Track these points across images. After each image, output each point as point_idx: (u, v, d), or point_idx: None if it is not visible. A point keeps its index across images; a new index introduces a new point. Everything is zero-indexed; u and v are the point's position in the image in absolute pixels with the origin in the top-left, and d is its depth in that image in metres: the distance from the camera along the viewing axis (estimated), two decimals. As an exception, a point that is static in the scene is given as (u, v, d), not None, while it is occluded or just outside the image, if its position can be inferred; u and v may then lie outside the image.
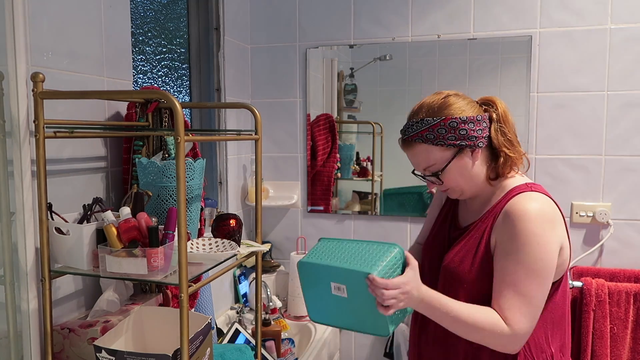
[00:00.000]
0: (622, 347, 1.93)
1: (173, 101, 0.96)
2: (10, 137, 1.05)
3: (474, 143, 1.17)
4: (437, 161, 1.19)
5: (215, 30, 2.11)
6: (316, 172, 2.37)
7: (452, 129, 1.16)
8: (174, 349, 1.03)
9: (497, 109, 1.21)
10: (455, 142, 1.17)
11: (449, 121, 1.16)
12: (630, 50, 1.97)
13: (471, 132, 1.17)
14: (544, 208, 1.14)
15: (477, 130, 1.17)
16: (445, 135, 1.17)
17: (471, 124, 1.17)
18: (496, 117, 1.20)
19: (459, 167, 1.19)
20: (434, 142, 1.18)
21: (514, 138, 1.21)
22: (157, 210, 1.26)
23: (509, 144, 1.20)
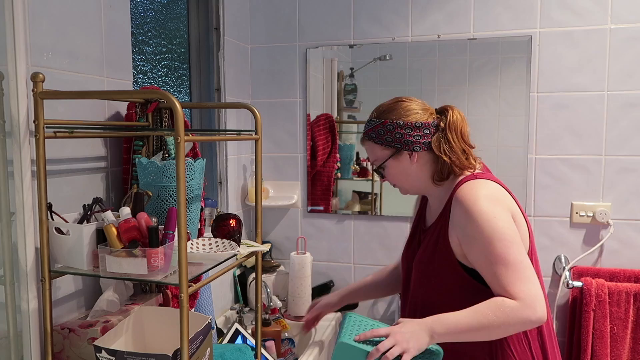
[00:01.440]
0: (622, 347, 1.93)
1: (173, 101, 0.96)
2: (10, 137, 1.05)
3: (409, 147, 1.30)
4: (378, 158, 1.35)
5: (215, 30, 2.11)
6: (316, 172, 2.37)
7: (388, 131, 1.31)
8: (174, 349, 1.03)
9: (447, 117, 1.31)
10: (391, 143, 1.31)
11: (387, 124, 1.31)
12: (630, 50, 1.97)
13: (406, 136, 1.30)
14: (486, 188, 1.24)
15: (415, 135, 1.30)
16: (383, 136, 1.32)
17: (408, 129, 1.30)
18: (443, 126, 1.31)
19: (397, 166, 1.33)
20: (375, 140, 1.34)
21: (458, 147, 1.30)
22: (157, 210, 1.26)
23: (450, 151, 1.29)
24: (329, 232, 2.37)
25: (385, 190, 2.31)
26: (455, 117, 1.31)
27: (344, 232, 2.36)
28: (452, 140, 1.29)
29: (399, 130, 1.30)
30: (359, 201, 2.38)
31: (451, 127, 1.30)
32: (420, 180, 1.34)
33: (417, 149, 1.30)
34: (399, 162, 1.33)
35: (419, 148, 1.30)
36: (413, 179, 1.34)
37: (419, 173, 1.33)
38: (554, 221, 2.10)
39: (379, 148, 1.33)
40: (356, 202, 2.38)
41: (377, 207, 2.33)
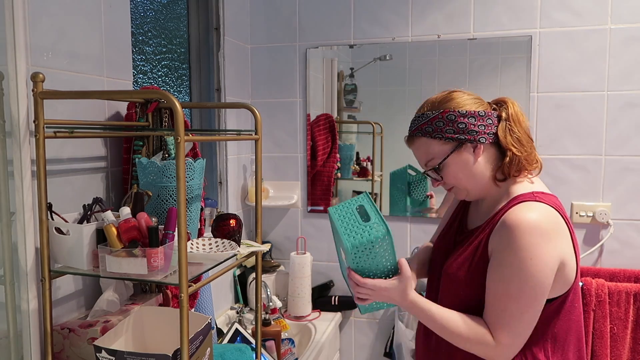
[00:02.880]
0: (622, 347, 1.93)
1: (173, 101, 0.96)
2: (10, 137, 1.05)
3: (474, 138, 1.15)
4: (436, 155, 1.17)
5: (215, 30, 2.11)
6: (316, 172, 2.37)
7: (450, 121, 1.15)
8: (174, 349, 1.03)
9: (508, 108, 1.18)
10: (453, 135, 1.15)
11: (447, 114, 1.15)
12: (630, 50, 1.97)
13: (471, 126, 1.15)
14: (541, 219, 1.08)
15: (479, 125, 1.15)
16: (443, 128, 1.15)
17: (471, 118, 1.15)
18: (505, 116, 1.17)
19: (458, 162, 1.16)
20: (432, 135, 1.16)
21: (525, 139, 1.17)
22: (157, 210, 1.26)
23: (517, 143, 1.16)
24: (329, 232, 2.37)
25: (386, 190, 2.31)
26: (518, 108, 1.19)
27: (344, 232, 2.35)
28: (519, 131, 1.16)
29: (462, 120, 1.14)
30: (359, 201, 2.38)
31: (514, 118, 1.17)
32: (484, 179, 1.18)
33: (483, 140, 1.15)
34: (461, 158, 1.16)
35: (484, 139, 1.15)
36: (476, 178, 1.17)
37: (483, 170, 1.17)
38: (554, 221, 2.10)
39: (437, 143, 1.16)
40: (356, 202, 2.38)
41: (377, 207, 2.32)
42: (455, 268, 1.19)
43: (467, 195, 1.22)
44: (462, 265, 1.17)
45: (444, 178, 1.19)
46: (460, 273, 1.17)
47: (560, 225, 1.10)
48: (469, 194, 1.21)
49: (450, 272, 1.20)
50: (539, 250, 1.06)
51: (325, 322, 2.20)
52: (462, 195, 1.22)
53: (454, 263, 1.20)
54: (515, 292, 1.07)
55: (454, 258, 1.21)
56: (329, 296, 2.33)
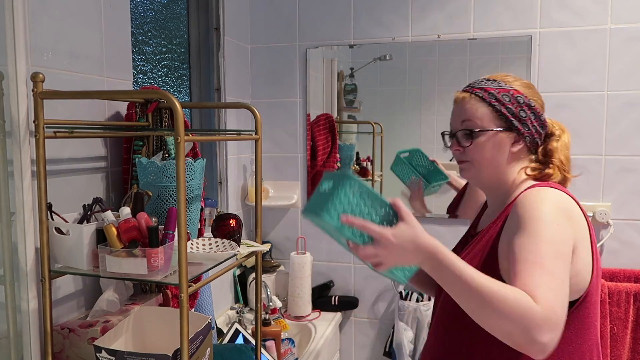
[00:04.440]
0: (622, 347, 1.93)
1: (173, 101, 0.96)
2: (10, 137, 1.05)
3: (522, 131, 1.10)
4: (480, 122, 1.10)
5: (215, 30, 2.11)
6: (316, 172, 2.37)
7: (516, 102, 1.10)
8: (174, 349, 1.03)
9: (564, 133, 1.16)
10: (509, 116, 1.10)
11: (518, 95, 1.10)
12: (630, 50, 1.97)
13: (528, 119, 1.10)
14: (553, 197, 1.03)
15: (533, 124, 1.11)
16: (506, 103, 1.10)
17: (532, 114, 1.11)
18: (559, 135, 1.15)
19: (494, 142, 1.10)
20: (491, 102, 1.10)
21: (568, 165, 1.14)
22: (157, 210, 1.26)
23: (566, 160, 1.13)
24: (329, 232, 2.37)
25: (386, 190, 2.31)
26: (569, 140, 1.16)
27: (344, 232, 2.35)
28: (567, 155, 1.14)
29: (526, 110, 1.10)
30: (359, 201, 2.37)
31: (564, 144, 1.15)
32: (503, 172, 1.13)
33: (527, 138, 1.11)
34: (498, 140, 1.10)
35: (529, 139, 1.11)
36: (497, 167, 1.12)
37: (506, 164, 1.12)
38: (554, 221, 2.10)
39: (489, 113, 1.10)
40: (356, 202, 2.38)
41: (377, 207, 2.32)
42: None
43: (473, 177, 1.16)
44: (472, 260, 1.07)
45: (471, 147, 1.11)
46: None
47: (575, 212, 1.03)
48: (477, 176, 1.15)
49: None
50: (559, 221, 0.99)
51: (325, 322, 2.20)
52: (469, 174, 1.16)
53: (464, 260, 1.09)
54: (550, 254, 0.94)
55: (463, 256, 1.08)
56: (329, 296, 2.33)
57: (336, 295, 2.33)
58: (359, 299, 2.36)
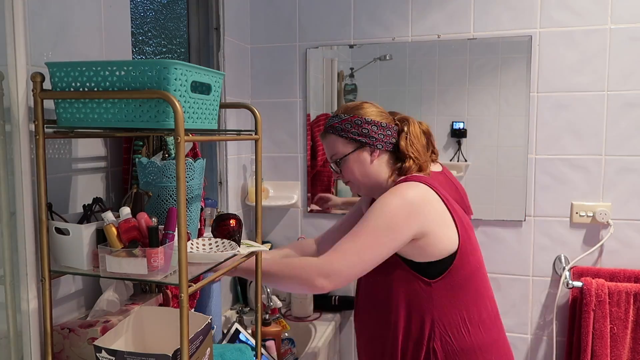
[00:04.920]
0: (622, 347, 1.93)
1: (173, 101, 0.96)
2: (10, 137, 1.05)
3: (373, 143, 1.38)
4: (339, 151, 1.41)
5: (215, 30, 2.11)
6: (316, 172, 2.37)
7: (356, 126, 1.39)
8: (174, 349, 1.03)
9: (410, 125, 1.42)
10: (356, 137, 1.39)
11: (355, 119, 1.39)
12: (630, 50, 1.97)
13: (372, 132, 1.39)
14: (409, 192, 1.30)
15: (379, 133, 1.39)
16: (349, 130, 1.39)
17: (374, 127, 1.39)
18: (407, 130, 1.41)
19: (356, 161, 1.40)
20: (339, 134, 1.40)
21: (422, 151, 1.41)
22: (157, 210, 1.26)
23: (416, 152, 1.39)
24: (329, 232, 2.37)
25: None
26: (416, 129, 1.42)
27: (344, 232, 2.35)
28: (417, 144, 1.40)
29: (366, 127, 1.38)
30: (359, 201, 2.38)
31: (413, 134, 1.41)
32: (376, 180, 1.41)
33: (380, 147, 1.39)
34: (358, 159, 1.40)
35: (382, 146, 1.39)
36: (369, 178, 1.41)
37: (376, 171, 1.41)
38: (554, 221, 2.10)
39: (342, 142, 1.41)
40: (356, 202, 2.38)
41: (377, 207, 2.32)
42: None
43: (358, 190, 1.47)
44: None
45: (342, 172, 1.43)
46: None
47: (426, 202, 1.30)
48: (359, 189, 1.46)
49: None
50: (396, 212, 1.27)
51: (325, 322, 2.20)
52: (355, 190, 1.47)
53: None
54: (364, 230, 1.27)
55: None
56: (329, 296, 2.33)
57: (336, 295, 2.33)
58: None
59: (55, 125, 1.10)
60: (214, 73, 1.17)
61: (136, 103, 1.02)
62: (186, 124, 1.05)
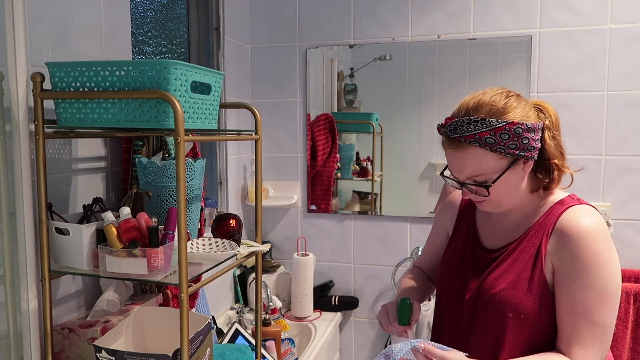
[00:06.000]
0: (622, 347, 1.93)
1: (173, 101, 0.96)
2: (11, 137, 1.05)
3: (532, 154, 1.04)
4: (489, 170, 1.03)
5: (215, 30, 2.11)
6: (316, 172, 2.37)
7: (516, 135, 1.01)
8: (174, 349, 1.03)
9: (549, 116, 1.08)
10: (515, 151, 1.01)
11: (515, 127, 1.00)
12: (630, 50, 1.97)
13: (532, 142, 1.03)
14: (600, 223, 1.03)
15: (536, 140, 1.04)
16: (507, 142, 1.01)
17: (533, 133, 1.03)
18: (549, 124, 1.08)
19: (509, 179, 1.05)
20: (492, 147, 1.01)
21: (563, 149, 1.10)
22: (157, 210, 1.26)
23: (560, 155, 1.08)
24: (329, 232, 2.37)
25: (385, 190, 2.31)
26: (557, 113, 1.11)
27: (344, 232, 2.36)
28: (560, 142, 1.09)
29: (527, 135, 1.02)
30: (359, 201, 2.38)
31: (556, 126, 1.10)
32: (523, 193, 1.09)
33: (535, 157, 1.05)
34: (513, 175, 1.05)
35: (537, 155, 1.06)
36: (518, 194, 1.08)
37: (524, 188, 1.09)
38: (554, 221, 2.10)
39: (493, 157, 1.02)
40: (356, 202, 2.38)
41: (377, 207, 2.33)
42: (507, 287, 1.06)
43: (494, 209, 1.11)
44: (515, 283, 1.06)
45: (491, 195, 1.05)
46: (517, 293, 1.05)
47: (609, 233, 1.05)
48: (498, 208, 1.11)
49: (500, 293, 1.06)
50: (610, 255, 1.01)
51: (325, 322, 2.20)
52: (489, 208, 1.11)
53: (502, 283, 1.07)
54: (597, 303, 0.99)
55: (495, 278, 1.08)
56: (329, 296, 2.33)
57: (336, 295, 2.33)
58: (359, 299, 2.36)
59: (55, 125, 1.10)
60: (214, 73, 1.17)
61: (136, 103, 1.02)
62: (186, 124, 1.05)
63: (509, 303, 1.05)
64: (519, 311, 1.04)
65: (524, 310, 1.04)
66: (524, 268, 1.06)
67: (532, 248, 1.07)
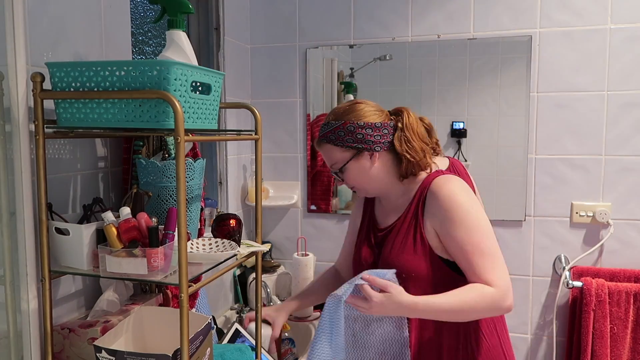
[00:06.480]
0: (622, 347, 1.93)
1: (173, 101, 0.96)
2: (10, 137, 1.05)
3: (370, 147, 1.31)
4: (338, 160, 1.34)
5: (215, 30, 2.11)
6: (316, 172, 2.37)
7: (349, 132, 1.31)
8: (174, 349, 1.03)
9: (404, 118, 1.34)
10: (352, 144, 1.31)
11: (347, 125, 1.31)
12: (630, 50, 1.97)
13: (368, 136, 1.31)
14: (461, 184, 1.29)
15: (375, 135, 1.31)
16: (343, 137, 1.32)
17: (369, 129, 1.31)
18: (401, 126, 1.33)
19: (357, 167, 1.33)
20: (334, 143, 1.33)
21: (418, 146, 1.33)
22: (157, 210, 1.26)
23: (412, 150, 1.31)
24: (329, 232, 2.37)
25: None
26: (411, 119, 1.35)
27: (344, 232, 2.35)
28: (412, 140, 1.33)
29: (360, 131, 1.31)
30: (359, 201, 2.38)
31: (408, 128, 1.33)
32: (382, 181, 1.36)
33: (378, 149, 1.32)
34: (359, 164, 1.33)
35: (380, 148, 1.32)
36: (374, 180, 1.35)
37: (379, 173, 1.34)
38: (554, 221, 2.10)
39: (339, 150, 1.34)
40: (356, 202, 2.38)
41: (377, 207, 2.32)
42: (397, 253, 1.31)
43: (366, 193, 1.40)
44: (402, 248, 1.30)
45: (345, 180, 1.37)
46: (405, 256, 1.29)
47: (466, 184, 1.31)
48: (367, 192, 1.40)
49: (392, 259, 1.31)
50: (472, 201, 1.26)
51: (325, 322, 2.20)
52: (363, 193, 1.40)
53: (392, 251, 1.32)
54: (479, 238, 1.23)
55: (388, 249, 1.33)
56: (329, 296, 2.33)
57: (336, 295, 2.33)
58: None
59: (55, 125, 1.10)
60: (214, 73, 1.17)
61: (136, 103, 1.02)
62: (186, 124, 1.05)
63: (400, 265, 1.28)
64: (409, 271, 1.28)
65: (414, 269, 1.28)
66: (406, 234, 1.31)
67: (412, 217, 1.32)
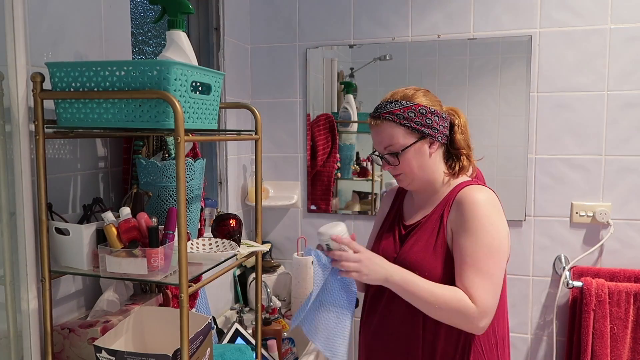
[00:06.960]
0: (622, 347, 1.93)
1: (173, 101, 0.96)
2: (11, 137, 1.05)
3: (435, 135, 1.29)
4: (399, 142, 1.29)
5: (215, 30, 2.11)
6: (316, 172, 2.37)
7: (421, 115, 1.28)
8: (174, 349, 1.03)
9: (460, 117, 1.35)
10: (420, 127, 1.28)
11: (420, 108, 1.28)
12: (630, 50, 1.97)
13: (435, 124, 1.29)
14: (490, 197, 1.27)
15: (440, 125, 1.30)
16: (413, 118, 1.28)
17: (436, 117, 1.30)
18: (458, 123, 1.34)
19: (416, 153, 1.30)
20: (401, 123, 1.28)
21: (470, 145, 1.36)
22: (157, 210, 1.26)
23: (467, 147, 1.34)
24: (329, 232, 2.37)
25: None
26: (464, 119, 1.37)
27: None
28: (468, 138, 1.35)
29: (430, 117, 1.28)
30: (359, 201, 2.38)
31: (463, 128, 1.35)
32: (433, 173, 1.33)
33: (440, 139, 1.31)
34: (419, 150, 1.30)
35: (441, 139, 1.31)
36: (426, 170, 1.32)
37: (433, 165, 1.32)
38: (554, 221, 2.10)
39: (403, 132, 1.28)
40: (356, 202, 2.38)
41: (377, 207, 2.32)
42: (417, 252, 1.29)
43: (410, 184, 1.35)
44: (424, 248, 1.29)
45: (400, 164, 1.31)
46: (425, 256, 1.28)
47: (500, 206, 1.29)
48: (412, 183, 1.35)
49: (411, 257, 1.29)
50: (495, 219, 1.24)
51: (325, 322, 2.20)
52: (405, 183, 1.35)
53: (413, 248, 1.30)
54: (483, 255, 1.21)
55: (409, 246, 1.32)
56: (329, 296, 2.33)
57: (336, 295, 2.33)
58: (358, 298, 2.35)
59: (55, 125, 1.10)
60: (214, 73, 1.17)
61: (136, 103, 1.02)
62: (186, 124, 1.05)
63: (417, 262, 1.28)
64: (424, 270, 1.26)
65: (429, 269, 1.26)
66: (430, 235, 1.30)
67: (437, 219, 1.30)
